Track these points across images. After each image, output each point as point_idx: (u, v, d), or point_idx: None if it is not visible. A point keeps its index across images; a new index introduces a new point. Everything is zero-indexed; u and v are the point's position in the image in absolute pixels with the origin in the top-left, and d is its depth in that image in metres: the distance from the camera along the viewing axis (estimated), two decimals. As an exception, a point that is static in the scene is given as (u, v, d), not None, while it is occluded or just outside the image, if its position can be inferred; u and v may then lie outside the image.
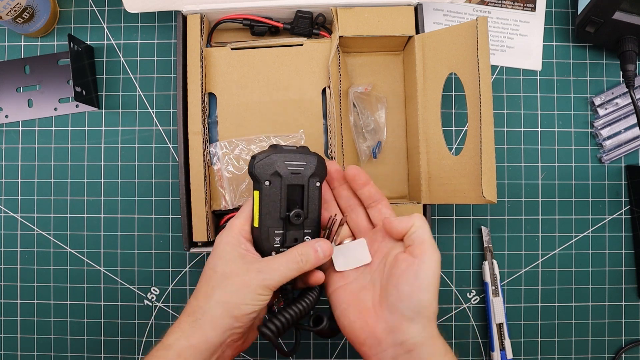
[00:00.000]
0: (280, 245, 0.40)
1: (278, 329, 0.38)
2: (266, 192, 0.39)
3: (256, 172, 0.39)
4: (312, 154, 0.41)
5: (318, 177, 0.41)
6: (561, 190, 0.57)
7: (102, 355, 0.56)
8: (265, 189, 0.39)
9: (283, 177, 0.39)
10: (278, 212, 0.40)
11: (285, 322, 0.39)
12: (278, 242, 0.40)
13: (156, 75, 0.56)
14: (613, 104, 0.57)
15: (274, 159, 0.39)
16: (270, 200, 0.39)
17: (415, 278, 0.36)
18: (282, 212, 0.40)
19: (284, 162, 0.39)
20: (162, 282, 0.56)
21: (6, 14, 0.50)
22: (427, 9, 0.56)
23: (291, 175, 0.40)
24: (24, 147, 0.56)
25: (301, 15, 0.51)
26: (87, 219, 0.56)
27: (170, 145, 0.56)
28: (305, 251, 0.39)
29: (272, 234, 0.40)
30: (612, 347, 0.56)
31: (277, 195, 0.40)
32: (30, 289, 0.56)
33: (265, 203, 0.39)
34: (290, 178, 0.40)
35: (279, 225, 0.40)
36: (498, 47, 0.57)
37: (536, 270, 0.56)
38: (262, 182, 0.39)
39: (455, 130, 0.57)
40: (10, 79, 0.56)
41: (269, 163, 0.39)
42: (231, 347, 0.38)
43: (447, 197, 0.47)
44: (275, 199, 0.40)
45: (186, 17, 0.50)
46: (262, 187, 0.39)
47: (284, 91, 0.51)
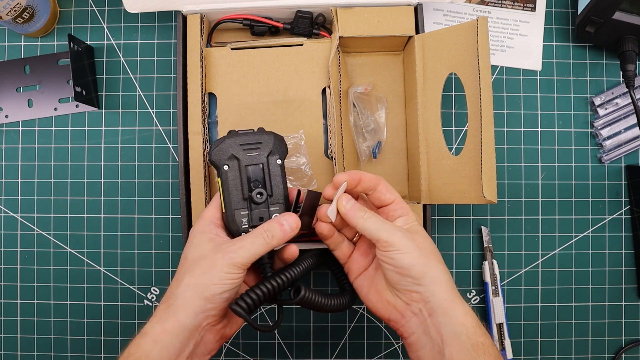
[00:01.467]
0: (248, 225, 0.41)
1: (248, 304, 0.38)
2: (226, 177, 0.40)
3: (213, 159, 0.40)
4: (268, 133, 0.42)
5: (277, 155, 0.42)
6: (561, 190, 0.57)
7: (102, 355, 0.56)
8: (225, 173, 0.40)
9: (240, 159, 0.41)
10: (241, 194, 0.41)
11: (256, 297, 0.38)
12: (245, 222, 0.41)
13: (156, 75, 0.56)
14: (613, 104, 0.57)
15: (228, 143, 0.40)
16: (232, 183, 0.40)
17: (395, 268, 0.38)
18: (244, 193, 0.41)
19: (238, 145, 0.41)
20: (162, 282, 0.56)
21: (6, 14, 0.50)
22: (427, 9, 0.56)
23: (248, 156, 0.41)
24: (24, 147, 0.56)
25: (301, 15, 0.51)
26: (87, 219, 0.56)
27: (170, 145, 0.56)
28: (271, 226, 0.39)
29: (239, 216, 0.40)
30: (612, 347, 0.56)
31: (236, 177, 0.41)
32: (30, 289, 0.56)
33: (227, 187, 0.40)
34: (248, 159, 0.41)
35: (244, 206, 0.41)
36: (498, 47, 0.57)
37: (536, 270, 0.56)
38: (220, 167, 0.40)
39: (455, 130, 0.57)
40: (10, 79, 0.56)
41: (223, 148, 0.40)
42: (211, 331, 0.39)
43: (447, 197, 0.47)
44: (236, 181, 0.41)
45: (186, 17, 0.50)
46: (221, 172, 0.40)
47: (284, 91, 0.51)
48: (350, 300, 0.44)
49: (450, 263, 0.56)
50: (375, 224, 0.39)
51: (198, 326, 0.37)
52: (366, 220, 0.39)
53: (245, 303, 0.38)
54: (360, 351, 0.56)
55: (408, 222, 0.41)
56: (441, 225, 0.56)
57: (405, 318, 0.39)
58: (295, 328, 0.56)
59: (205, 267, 0.37)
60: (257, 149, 0.41)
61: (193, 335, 0.37)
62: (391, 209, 0.41)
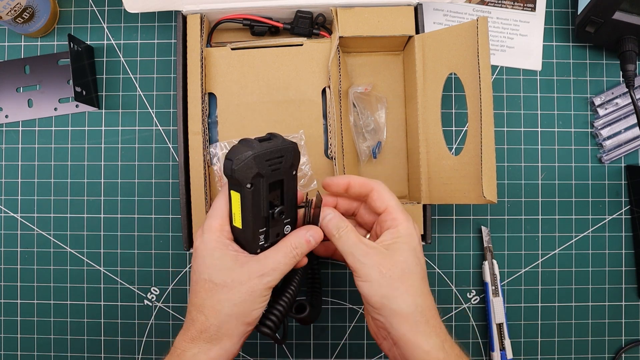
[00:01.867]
0: (264, 242, 0.39)
1: (275, 324, 0.38)
2: (248, 195, 0.36)
3: (238, 176, 0.36)
4: (288, 143, 0.38)
5: (295, 167, 0.39)
6: (561, 190, 0.57)
7: (102, 355, 0.56)
8: (247, 192, 0.36)
9: (264, 176, 0.37)
10: (261, 212, 0.37)
11: (280, 315, 0.39)
12: (262, 239, 0.39)
13: (156, 75, 0.56)
14: (613, 104, 0.57)
15: (255, 161, 0.36)
16: (254, 202, 0.37)
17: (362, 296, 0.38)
18: (264, 211, 0.38)
19: (264, 162, 0.36)
20: (162, 282, 0.56)
21: (6, 14, 0.50)
22: (427, 9, 0.56)
23: (272, 172, 0.37)
24: (24, 147, 0.56)
25: (301, 15, 0.51)
26: (87, 219, 0.56)
27: (170, 145, 0.56)
28: (299, 243, 0.38)
29: (257, 234, 0.38)
30: (612, 347, 0.56)
31: (259, 196, 0.37)
32: (30, 289, 0.56)
33: (248, 207, 0.37)
34: (271, 175, 0.37)
35: (262, 224, 0.38)
36: (498, 47, 0.57)
37: (536, 270, 0.56)
38: (244, 185, 0.36)
39: (455, 130, 0.57)
40: (10, 79, 0.56)
41: (250, 166, 0.36)
42: None
43: (447, 197, 0.47)
44: (258, 200, 0.37)
45: (186, 17, 0.50)
46: (243, 190, 0.36)
47: (284, 91, 0.51)
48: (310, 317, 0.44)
49: (450, 263, 0.56)
50: (345, 245, 0.38)
51: (239, 349, 0.38)
52: (337, 240, 0.38)
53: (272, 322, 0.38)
54: (360, 351, 0.56)
55: (394, 237, 0.38)
56: (441, 225, 0.56)
57: (379, 340, 0.40)
58: (295, 328, 0.56)
59: (244, 294, 0.36)
60: (279, 163, 0.38)
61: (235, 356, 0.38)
62: (381, 219, 0.40)
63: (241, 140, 0.38)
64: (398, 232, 0.38)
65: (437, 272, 0.56)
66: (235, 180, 0.36)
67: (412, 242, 0.38)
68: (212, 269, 0.37)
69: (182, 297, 0.56)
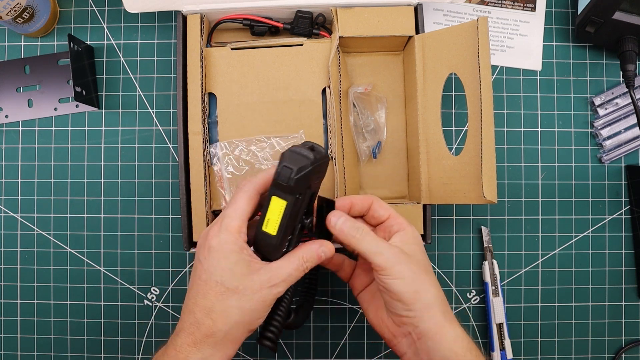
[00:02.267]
0: (286, 250, 0.39)
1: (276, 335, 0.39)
2: (296, 206, 0.36)
3: (294, 185, 0.35)
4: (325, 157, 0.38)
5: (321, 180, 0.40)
6: (561, 190, 0.57)
7: (102, 355, 0.56)
8: (296, 201, 0.36)
9: (310, 189, 0.38)
10: (296, 221, 0.38)
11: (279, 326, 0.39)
12: (286, 247, 0.39)
13: (156, 75, 0.56)
14: (613, 104, 0.57)
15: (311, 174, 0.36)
16: (296, 212, 0.37)
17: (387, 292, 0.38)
18: (299, 220, 0.38)
19: (315, 174, 0.37)
20: (162, 282, 0.56)
21: (6, 14, 0.50)
22: (427, 9, 0.56)
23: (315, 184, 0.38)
24: (24, 147, 0.56)
25: (301, 15, 0.51)
26: (87, 219, 0.56)
27: (170, 145, 0.56)
28: (310, 256, 0.38)
29: (285, 241, 0.38)
30: (612, 347, 0.56)
31: (302, 206, 0.38)
32: (30, 289, 0.56)
33: (291, 214, 0.36)
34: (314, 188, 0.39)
35: (291, 231, 0.38)
36: (498, 47, 0.57)
37: (536, 270, 0.56)
38: (294, 195, 0.36)
39: (455, 130, 0.57)
40: (10, 79, 0.56)
41: (307, 177, 0.36)
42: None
43: (447, 197, 0.47)
44: (299, 210, 0.37)
45: (186, 17, 0.50)
46: (294, 200, 0.36)
47: (284, 91, 0.51)
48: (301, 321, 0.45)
49: (450, 263, 0.56)
50: (369, 245, 0.38)
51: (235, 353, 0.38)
52: (360, 241, 0.38)
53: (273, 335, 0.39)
54: (360, 351, 0.56)
55: (404, 239, 0.40)
56: (441, 225, 0.56)
57: (397, 338, 0.40)
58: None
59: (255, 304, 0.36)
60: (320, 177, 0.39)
61: None
62: (387, 225, 0.41)
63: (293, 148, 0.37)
64: (407, 234, 0.40)
65: (437, 272, 0.56)
66: (289, 189, 0.35)
67: (420, 242, 0.41)
68: (226, 272, 0.36)
69: (182, 297, 0.56)
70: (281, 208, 0.36)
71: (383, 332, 0.41)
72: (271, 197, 0.37)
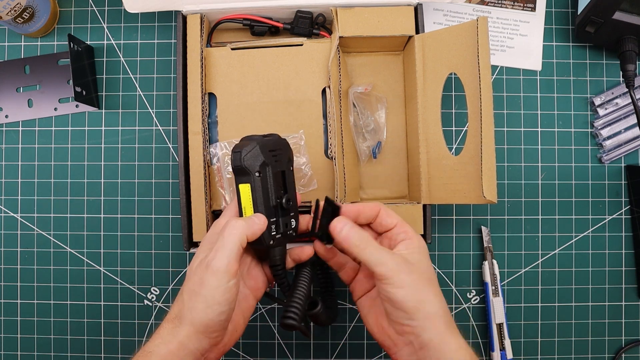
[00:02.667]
0: (275, 233, 0.40)
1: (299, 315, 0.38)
2: (258, 184, 0.39)
3: (246, 165, 0.38)
4: (283, 139, 0.42)
5: (291, 162, 0.42)
6: (561, 190, 0.57)
7: (102, 355, 0.56)
8: (257, 180, 0.39)
9: (269, 165, 0.39)
10: (269, 201, 0.39)
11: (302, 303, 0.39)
12: (274, 229, 0.40)
13: (156, 75, 0.56)
14: (613, 104, 0.57)
15: (260, 150, 0.39)
16: (262, 191, 0.39)
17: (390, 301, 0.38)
18: (273, 200, 0.40)
19: (267, 151, 0.40)
20: (162, 282, 0.56)
21: (6, 14, 0.50)
22: (427, 9, 0.56)
23: (275, 162, 0.40)
24: (24, 147, 0.56)
25: (301, 15, 0.51)
26: (87, 219, 0.56)
27: (170, 145, 0.56)
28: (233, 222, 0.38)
29: (269, 223, 0.39)
30: (612, 347, 0.56)
31: (267, 184, 0.39)
32: (30, 289, 0.56)
33: (258, 194, 0.39)
34: (275, 165, 0.40)
35: (272, 213, 0.40)
36: (498, 47, 0.57)
37: (536, 270, 0.56)
38: (252, 173, 0.39)
39: (455, 130, 0.57)
40: (10, 79, 0.56)
41: (256, 154, 0.39)
42: (212, 351, 0.38)
43: (447, 197, 0.47)
44: (266, 189, 0.39)
45: (186, 17, 0.50)
46: (253, 179, 0.39)
47: (284, 91, 0.51)
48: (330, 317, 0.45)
49: (450, 263, 0.56)
50: (372, 256, 0.38)
51: (202, 350, 0.37)
52: (362, 250, 0.38)
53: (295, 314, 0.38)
54: (360, 351, 0.56)
55: (409, 248, 0.40)
56: (441, 225, 0.56)
57: (397, 346, 0.39)
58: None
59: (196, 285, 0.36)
60: (280, 155, 0.41)
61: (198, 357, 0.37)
62: (394, 232, 0.41)
63: (243, 137, 0.41)
64: (412, 243, 0.40)
65: (437, 272, 0.56)
66: (244, 170, 0.39)
67: (426, 251, 0.41)
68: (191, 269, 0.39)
69: (182, 297, 0.56)
70: (248, 191, 0.39)
71: (383, 340, 0.40)
72: (238, 186, 0.40)
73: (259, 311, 0.56)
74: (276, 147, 0.41)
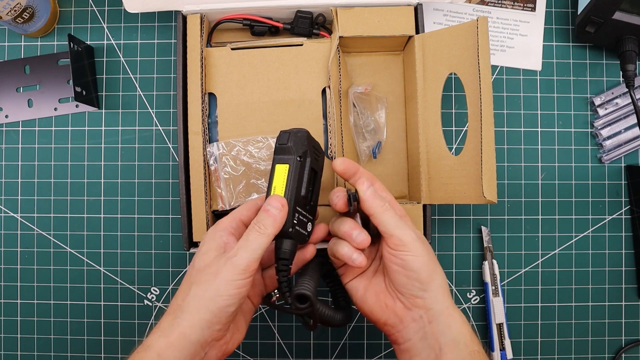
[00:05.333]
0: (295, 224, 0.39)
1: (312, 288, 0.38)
2: (297, 167, 0.39)
3: (292, 144, 0.39)
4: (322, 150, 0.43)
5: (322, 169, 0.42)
6: (561, 190, 0.57)
7: (102, 355, 0.56)
8: (297, 163, 0.39)
9: (310, 158, 0.40)
10: (300, 190, 0.39)
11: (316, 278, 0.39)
12: (296, 219, 0.39)
13: (156, 75, 0.56)
14: (613, 104, 0.56)
15: (308, 140, 0.40)
16: (298, 176, 0.39)
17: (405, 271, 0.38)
18: (304, 189, 0.39)
19: (312, 145, 0.40)
20: (162, 282, 0.56)
21: (6, 14, 0.50)
22: (427, 9, 0.56)
23: (314, 158, 0.40)
24: (24, 147, 0.56)
25: (301, 15, 0.51)
26: (87, 219, 0.56)
27: (170, 145, 0.56)
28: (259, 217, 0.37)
29: (294, 211, 0.38)
30: (612, 347, 0.56)
31: (303, 172, 0.39)
32: (30, 289, 0.56)
33: (293, 178, 0.38)
34: (314, 162, 0.40)
35: (299, 202, 0.39)
36: (498, 47, 0.57)
37: (536, 270, 0.56)
38: (295, 155, 0.39)
39: (455, 130, 0.57)
40: (10, 79, 0.56)
41: (303, 140, 0.39)
42: (214, 347, 0.37)
43: (447, 197, 0.47)
44: (302, 176, 0.39)
45: (186, 17, 0.50)
46: (294, 161, 0.38)
47: (284, 91, 0.51)
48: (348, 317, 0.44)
49: (450, 263, 0.56)
50: (393, 219, 0.38)
51: (204, 342, 0.35)
52: (384, 212, 0.38)
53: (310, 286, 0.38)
54: (360, 351, 0.56)
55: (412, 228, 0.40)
56: (441, 225, 0.56)
57: (404, 323, 0.39)
58: (295, 328, 0.56)
59: (210, 276, 0.35)
60: (319, 156, 0.41)
61: (198, 351, 0.35)
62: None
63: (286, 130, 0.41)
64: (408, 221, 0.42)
65: (437, 272, 0.56)
66: (288, 150, 0.39)
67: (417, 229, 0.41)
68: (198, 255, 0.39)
69: (182, 297, 0.56)
70: (284, 172, 0.39)
71: (387, 318, 0.39)
72: (274, 166, 0.39)
73: (259, 311, 0.56)
74: (318, 148, 0.41)
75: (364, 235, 0.39)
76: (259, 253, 0.36)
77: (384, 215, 0.38)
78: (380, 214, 0.38)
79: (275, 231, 0.37)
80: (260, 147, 0.50)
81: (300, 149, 0.39)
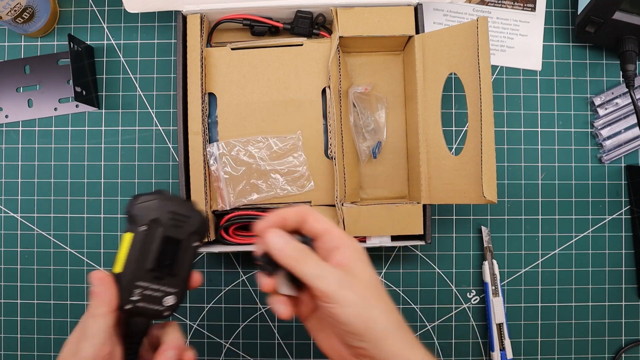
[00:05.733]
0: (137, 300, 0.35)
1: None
2: (140, 238, 0.35)
3: (134, 213, 0.35)
4: (199, 210, 0.37)
5: (198, 237, 0.37)
6: (561, 190, 0.57)
7: (102, 355, 0.56)
8: (140, 234, 0.35)
9: (163, 226, 0.35)
10: (146, 262, 0.35)
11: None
12: (137, 294, 0.35)
13: (156, 75, 0.56)
14: (613, 104, 0.57)
15: (158, 205, 0.35)
16: (142, 248, 0.35)
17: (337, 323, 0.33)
18: (149, 262, 0.35)
19: (167, 211, 0.35)
20: (162, 282, 0.56)
21: (6, 14, 0.50)
22: (427, 9, 0.56)
23: (171, 226, 0.35)
24: (24, 147, 0.56)
25: (301, 15, 0.51)
26: (87, 219, 0.56)
27: (170, 145, 0.56)
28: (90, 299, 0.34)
29: (133, 283, 0.35)
30: (612, 347, 0.56)
31: (150, 243, 0.35)
32: (30, 289, 0.56)
33: (135, 249, 0.35)
34: (169, 229, 0.35)
35: (144, 277, 0.35)
36: (498, 47, 0.57)
37: (536, 270, 0.56)
38: (138, 225, 0.35)
39: (455, 130, 0.57)
40: (10, 79, 0.56)
41: (151, 207, 0.35)
42: None
43: (447, 197, 0.47)
44: (148, 247, 0.35)
45: (186, 17, 0.50)
46: (136, 231, 0.35)
47: (284, 91, 0.51)
48: None
49: (450, 263, 0.56)
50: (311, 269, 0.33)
51: None
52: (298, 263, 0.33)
53: None
54: (360, 351, 0.56)
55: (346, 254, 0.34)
56: (441, 225, 0.56)
57: None
58: (295, 328, 0.56)
59: None
60: (183, 222, 0.36)
61: None
62: (326, 240, 0.35)
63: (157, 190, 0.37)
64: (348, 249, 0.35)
65: (437, 272, 0.56)
66: (132, 219, 0.35)
67: (365, 256, 0.36)
68: None
69: (182, 297, 0.56)
70: (128, 243, 0.35)
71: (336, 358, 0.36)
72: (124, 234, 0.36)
73: (258, 311, 0.56)
74: (182, 213, 0.36)
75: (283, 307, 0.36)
76: (102, 336, 0.33)
77: (298, 266, 0.33)
78: (294, 266, 0.33)
79: (109, 309, 0.34)
80: (260, 147, 0.50)
81: (146, 218, 0.35)
